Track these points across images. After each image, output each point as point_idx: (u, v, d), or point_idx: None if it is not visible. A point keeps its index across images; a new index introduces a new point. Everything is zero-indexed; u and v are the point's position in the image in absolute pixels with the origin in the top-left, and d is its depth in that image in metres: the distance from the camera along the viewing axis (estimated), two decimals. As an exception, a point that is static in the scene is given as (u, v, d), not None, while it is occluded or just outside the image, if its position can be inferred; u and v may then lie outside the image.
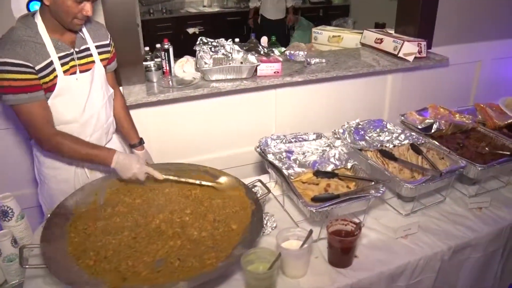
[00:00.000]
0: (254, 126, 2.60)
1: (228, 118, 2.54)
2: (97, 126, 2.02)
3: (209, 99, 2.46)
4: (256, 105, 2.57)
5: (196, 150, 2.54)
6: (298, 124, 2.66)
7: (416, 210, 1.95)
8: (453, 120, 2.26)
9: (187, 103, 2.43)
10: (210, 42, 2.68)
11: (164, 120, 2.42)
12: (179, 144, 2.46)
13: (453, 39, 3.02)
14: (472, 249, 1.87)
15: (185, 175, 1.97)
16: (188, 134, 2.50)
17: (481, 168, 1.94)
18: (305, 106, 2.68)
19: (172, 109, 2.43)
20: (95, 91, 1.96)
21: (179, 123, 2.47)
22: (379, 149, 2.05)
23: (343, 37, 3.33)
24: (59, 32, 1.81)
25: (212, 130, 2.54)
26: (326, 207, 1.65)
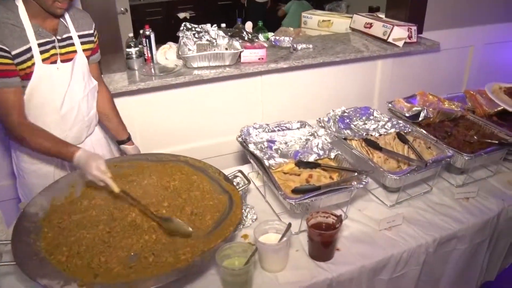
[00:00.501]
0: (240, 114, 2.53)
1: (212, 106, 2.47)
2: (77, 119, 1.95)
3: (192, 87, 2.38)
4: (240, 92, 2.50)
5: (179, 139, 2.48)
6: (284, 112, 2.60)
7: (401, 201, 1.90)
8: (442, 108, 2.20)
9: (169, 91, 2.36)
10: (194, 28, 2.60)
11: (145, 109, 2.35)
12: (161, 134, 2.40)
13: (444, 23, 2.94)
14: (458, 241, 1.82)
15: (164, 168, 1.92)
16: (170, 123, 2.43)
17: (468, 158, 1.89)
18: (292, 94, 2.61)
19: (154, 97, 2.36)
20: (76, 82, 1.89)
21: (161, 112, 2.40)
22: (364, 138, 1.99)
23: (333, 22, 3.25)
24: (40, 17, 1.74)
25: (196, 118, 2.47)
26: (306, 200, 1.60)
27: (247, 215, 1.81)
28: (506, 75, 3.29)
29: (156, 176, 1.91)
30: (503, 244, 2.02)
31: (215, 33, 2.61)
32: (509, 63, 3.29)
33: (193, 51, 2.50)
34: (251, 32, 2.59)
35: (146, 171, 1.94)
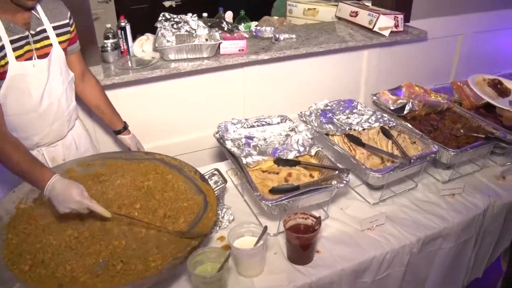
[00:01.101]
0: (220, 108, 2.44)
1: (191, 100, 2.37)
2: (57, 115, 1.85)
3: (169, 80, 2.28)
4: (221, 85, 2.40)
5: (157, 134, 2.38)
6: (267, 105, 2.50)
7: (385, 199, 1.83)
8: (427, 100, 2.12)
9: (146, 85, 2.26)
10: (172, 18, 2.49)
11: (122, 104, 2.24)
12: (138, 129, 2.29)
13: (433, 11, 2.84)
14: (443, 240, 1.76)
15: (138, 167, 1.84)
16: (147, 118, 2.33)
17: (454, 153, 1.82)
18: (275, 86, 2.52)
19: (130, 91, 2.26)
20: (54, 77, 1.78)
21: (138, 107, 2.30)
22: (346, 134, 1.90)
23: (318, 10, 3.14)
24: (10, 11, 1.60)
25: (174, 113, 2.38)
26: (282, 201, 1.52)
27: (223, 216, 1.74)
28: (496, 64, 3.22)
29: (130, 176, 1.83)
30: (489, 241, 1.97)
31: (195, 23, 2.51)
32: (498, 51, 3.21)
33: (172, 43, 2.39)
34: (231, 22, 2.49)
35: (120, 170, 1.85)
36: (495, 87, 1.97)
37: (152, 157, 1.92)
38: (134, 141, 2.11)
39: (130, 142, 2.10)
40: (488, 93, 1.94)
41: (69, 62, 1.87)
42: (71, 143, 2.00)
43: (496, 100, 1.87)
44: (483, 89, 1.95)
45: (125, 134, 2.08)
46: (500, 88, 1.97)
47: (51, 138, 1.89)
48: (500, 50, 3.22)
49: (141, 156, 1.95)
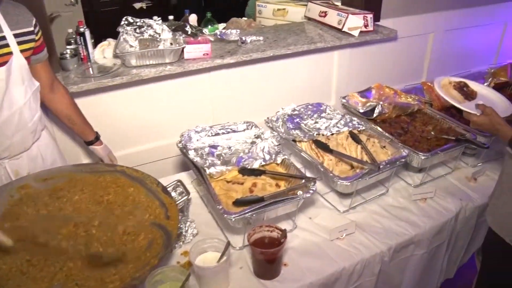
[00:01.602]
0: (187, 115, 2.35)
1: (155, 108, 2.28)
2: (19, 126, 1.73)
3: (133, 87, 2.19)
4: (187, 91, 2.32)
5: (123, 143, 2.29)
6: (236, 111, 2.43)
7: (355, 206, 1.78)
8: (397, 102, 2.08)
9: (108, 93, 2.16)
10: (135, 22, 2.39)
11: (85, 112, 2.14)
12: (103, 138, 2.21)
13: (403, 10, 2.81)
14: (415, 246, 1.73)
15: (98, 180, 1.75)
16: (110, 128, 2.23)
17: (425, 157, 1.78)
18: (244, 91, 2.45)
19: (91, 100, 2.15)
20: (15, 87, 1.66)
21: (99, 116, 2.19)
22: (313, 140, 1.84)
23: (288, 10, 3.08)
24: None
25: (138, 121, 2.28)
26: (245, 214, 1.45)
27: (187, 230, 1.66)
28: (467, 61, 3.21)
29: (89, 190, 1.73)
30: (461, 243, 1.95)
31: (159, 27, 2.41)
32: (470, 49, 3.20)
33: (136, 48, 2.30)
34: (195, 26, 2.40)
35: (79, 184, 1.75)
36: (461, 90, 1.93)
37: (113, 169, 1.83)
38: (106, 152, 2.02)
39: (102, 153, 2.01)
40: (454, 96, 1.91)
41: (35, 72, 1.77)
42: (36, 155, 1.89)
43: (463, 103, 1.84)
44: (449, 92, 1.92)
45: (97, 144, 1.99)
46: (466, 91, 1.94)
47: (13, 150, 1.78)
48: (471, 47, 3.21)
49: (102, 168, 1.85)
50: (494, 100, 1.96)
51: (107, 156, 2.03)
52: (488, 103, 1.78)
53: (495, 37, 3.27)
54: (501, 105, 1.92)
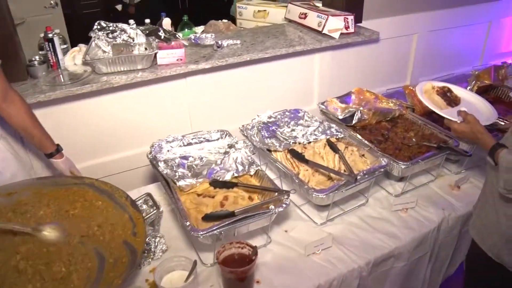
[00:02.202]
0: (165, 123, 2.25)
1: (127, 116, 2.18)
2: None
3: (104, 95, 2.09)
4: (162, 98, 2.22)
5: (93, 152, 2.18)
6: (215, 118, 2.34)
7: (333, 218, 1.71)
8: (378, 107, 2.01)
9: (78, 101, 2.06)
10: (108, 26, 2.30)
11: (52, 122, 2.05)
12: (73, 148, 2.11)
13: (386, 11, 2.74)
14: (395, 259, 1.66)
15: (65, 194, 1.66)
16: (82, 136, 2.13)
17: (405, 166, 1.71)
18: (223, 97, 2.35)
19: (62, 109, 2.05)
20: None
21: (71, 124, 2.10)
22: (289, 149, 1.76)
23: (269, 12, 3.00)
24: None
25: (110, 130, 2.18)
26: (213, 230, 1.38)
27: (156, 246, 1.58)
28: (452, 62, 3.15)
29: (55, 205, 1.64)
30: (445, 254, 1.88)
31: (134, 31, 2.33)
32: (454, 50, 3.14)
33: (109, 53, 2.21)
34: (169, 30, 2.31)
35: (45, 198, 1.66)
36: (445, 95, 1.86)
37: (81, 181, 1.74)
38: (67, 165, 1.90)
39: (63, 166, 1.89)
40: (436, 102, 1.84)
41: None
42: None
43: (445, 110, 1.77)
44: (432, 98, 1.85)
45: (57, 157, 1.86)
46: (450, 96, 1.87)
47: None
48: (456, 48, 3.14)
49: (70, 181, 1.76)
50: (478, 107, 1.91)
51: (68, 170, 1.91)
52: (472, 110, 1.73)
53: (480, 37, 3.21)
54: (485, 112, 1.87)
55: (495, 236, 1.49)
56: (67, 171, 1.91)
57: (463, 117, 1.63)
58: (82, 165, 2.24)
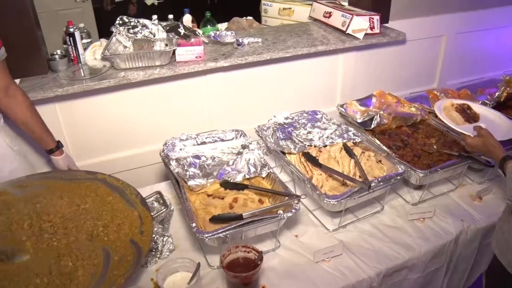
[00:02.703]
0: (182, 120, 2.25)
1: (145, 112, 2.18)
2: None
3: (122, 91, 2.10)
4: (181, 95, 2.21)
5: (108, 148, 2.20)
6: (234, 117, 2.32)
7: (346, 224, 1.66)
8: (398, 112, 1.95)
9: (96, 96, 2.08)
10: (130, 21, 2.31)
11: (72, 116, 2.08)
12: (88, 142, 2.14)
13: (413, 11, 2.65)
14: (408, 271, 1.60)
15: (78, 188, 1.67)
16: (98, 131, 2.15)
17: (423, 175, 1.64)
18: (242, 95, 2.33)
19: (79, 103, 2.08)
20: None
21: (88, 119, 2.12)
22: (303, 152, 1.72)
23: (294, 10, 2.95)
24: None
25: (126, 126, 2.18)
26: (219, 234, 1.35)
27: (164, 245, 1.58)
28: (481, 65, 3.03)
29: (68, 197, 1.66)
30: (463, 267, 1.80)
31: (156, 27, 2.33)
32: (487, 53, 3.01)
33: (130, 49, 2.22)
34: (189, 27, 2.30)
35: (57, 191, 1.68)
36: (464, 112, 1.83)
37: (94, 177, 1.76)
38: (66, 163, 1.89)
39: (62, 163, 1.88)
40: (455, 118, 1.80)
41: None
42: None
43: (462, 126, 1.74)
44: (450, 115, 1.82)
45: (57, 154, 1.86)
46: (469, 113, 1.83)
47: None
48: (488, 51, 3.02)
49: (83, 175, 1.78)
50: (497, 123, 1.86)
51: (67, 168, 1.92)
52: (491, 126, 1.71)
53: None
54: (504, 128, 1.82)
55: (515, 251, 1.42)
56: (65, 169, 1.92)
57: (477, 131, 1.62)
58: (96, 160, 2.28)
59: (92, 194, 1.69)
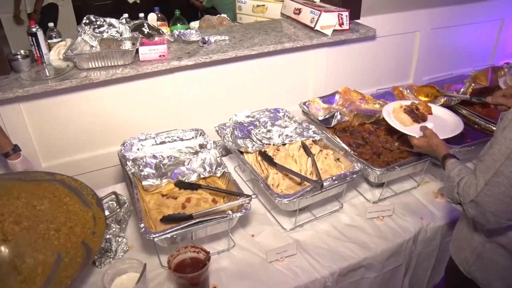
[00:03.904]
0: (148, 120, 2.23)
1: (108, 112, 2.15)
2: None
3: (87, 91, 2.08)
4: (147, 95, 2.20)
5: (72, 149, 2.18)
6: (204, 116, 2.30)
7: (303, 223, 1.65)
8: (361, 109, 1.93)
9: (58, 97, 2.06)
10: (96, 20, 2.29)
11: (35, 117, 2.06)
12: (56, 143, 2.13)
13: (388, 6, 2.63)
14: (365, 270, 1.60)
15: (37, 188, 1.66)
16: (61, 132, 2.13)
17: (380, 173, 1.63)
18: (210, 93, 2.31)
19: (44, 104, 2.05)
20: None
21: (51, 120, 2.10)
22: (259, 151, 1.71)
23: (267, 7, 2.94)
24: None
25: (88, 126, 2.16)
26: (166, 234, 1.35)
27: (119, 245, 1.57)
28: (460, 62, 3.02)
29: (25, 198, 1.66)
30: (425, 265, 1.81)
31: (124, 27, 2.31)
32: (463, 48, 3.00)
33: (97, 48, 2.21)
34: (153, 26, 2.29)
35: (15, 191, 1.68)
36: (412, 113, 1.82)
37: (52, 177, 1.75)
38: (24, 167, 1.88)
39: (19, 167, 1.87)
40: (403, 120, 1.79)
41: None
42: None
43: (410, 127, 1.76)
44: (399, 117, 1.82)
45: (13, 158, 1.84)
46: (417, 113, 1.83)
47: None
48: (464, 46, 3.01)
49: (42, 176, 1.77)
50: (446, 121, 1.87)
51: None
52: (439, 124, 1.76)
53: (491, 35, 3.06)
54: (452, 125, 1.83)
55: (467, 251, 1.42)
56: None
57: (422, 131, 1.64)
58: (63, 161, 2.26)
59: (50, 195, 1.68)
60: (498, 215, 1.19)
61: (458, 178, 1.31)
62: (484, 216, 1.21)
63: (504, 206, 1.18)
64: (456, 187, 1.30)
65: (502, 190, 1.16)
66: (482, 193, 1.19)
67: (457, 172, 1.34)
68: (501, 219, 1.20)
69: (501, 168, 1.17)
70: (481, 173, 1.22)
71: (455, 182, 1.31)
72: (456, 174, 1.33)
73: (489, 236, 1.35)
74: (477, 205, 1.21)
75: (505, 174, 1.16)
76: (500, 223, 1.22)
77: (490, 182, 1.18)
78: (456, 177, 1.32)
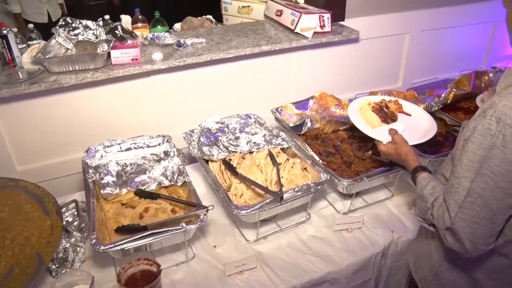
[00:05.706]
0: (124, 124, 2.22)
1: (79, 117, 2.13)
2: None
3: (59, 94, 2.06)
4: (121, 98, 2.18)
5: (50, 152, 2.17)
6: (181, 121, 2.26)
7: (267, 235, 1.63)
8: (334, 115, 1.90)
9: (38, 99, 2.05)
10: (72, 23, 2.29)
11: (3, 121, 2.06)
12: (31, 147, 2.12)
13: (374, 8, 2.59)
14: (330, 284, 1.58)
15: None
16: (29, 137, 2.11)
17: (348, 183, 1.59)
18: (186, 98, 2.28)
19: (14, 108, 2.04)
20: None
21: (22, 125, 2.08)
22: (223, 159, 1.69)
23: (252, 8, 2.91)
24: None
25: (67, 130, 2.15)
26: (116, 247, 1.33)
27: (76, 255, 1.56)
28: (452, 65, 2.95)
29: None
30: (397, 279, 1.76)
31: (100, 29, 2.30)
32: (454, 51, 2.94)
33: (72, 51, 2.21)
34: (127, 28, 2.27)
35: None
36: (381, 111, 1.71)
37: (15, 184, 1.75)
38: None
39: None
40: (371, 120, 1.71)
41: None
42: None
43: (378, 128, 1.67)
44: (366, 115, 1.72)
45: None
46: (387, 112, 1.72)
47: None
48: (456, 49, 2.94)
49: (5, 183, 1.77)
50: (419, 122, 1.78)
51: None
52: (410, 126, 1.66)
53: (484, 37, 3.00)
54: (425, 128, 1.73)
55: (426, 268, 1.39)
56: None
57: (391, 136, 1.55)
58: (34, 165, 2.23)
59: (11, 202, 1.68)
60: (476, 242, 1.10)
61: (432, 198, 1.21)
62: (462, 244, 1.12)
63: (480, 230, 1.09)
64: (430, 209, 1.21)
65: (476, 212, 1.08)
66: (457, 217, 1.10)
67: (430, 191, 1.24)
68: (479, 245, 1.11)
69: (473, 186, 1.08)
70: (451, 194, 1.13)
71: (429, 203, 1.22)
72: (430, 193, 1.24)
73: (446, 255, 1.30)
74: (453, 232, 1.12)
75: (477, 192, 1.07)
76: (479, 249, 1.13)
77: (464, 203, 1.09)
78: (429, 197, 1.23)
